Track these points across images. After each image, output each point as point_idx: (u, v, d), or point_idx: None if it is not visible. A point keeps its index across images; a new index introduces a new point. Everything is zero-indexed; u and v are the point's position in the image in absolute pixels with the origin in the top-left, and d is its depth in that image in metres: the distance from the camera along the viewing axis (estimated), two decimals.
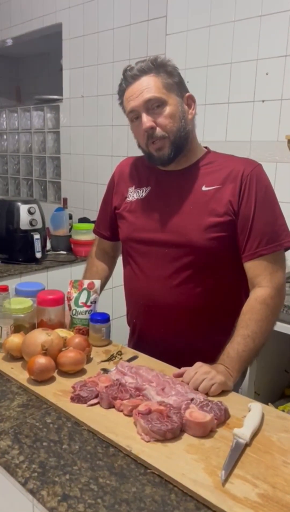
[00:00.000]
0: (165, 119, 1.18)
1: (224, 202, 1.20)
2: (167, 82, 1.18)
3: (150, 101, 1.16)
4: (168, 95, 1.18)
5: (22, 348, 1.15)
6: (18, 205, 2.28)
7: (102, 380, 1.06)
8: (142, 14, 2.85)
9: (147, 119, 1.17)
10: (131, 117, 1.22)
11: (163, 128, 1.18)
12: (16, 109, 4.21)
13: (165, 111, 1.18)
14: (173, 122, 1.19)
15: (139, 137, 1.23)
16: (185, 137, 1.22)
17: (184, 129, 1.21)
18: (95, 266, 1.52)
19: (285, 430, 0.92)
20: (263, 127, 2.38)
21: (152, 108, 1.17)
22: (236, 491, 0.75)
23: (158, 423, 0.88)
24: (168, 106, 1.18)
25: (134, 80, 1.18)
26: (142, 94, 1.16)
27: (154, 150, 1.21)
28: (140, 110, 1.18)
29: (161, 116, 1.18)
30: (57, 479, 0.78)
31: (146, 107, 1.17)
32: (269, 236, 1.18)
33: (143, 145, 1.23)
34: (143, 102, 1.16)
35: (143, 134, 1.19)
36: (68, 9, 3.36)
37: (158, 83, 1.17)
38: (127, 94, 1.20)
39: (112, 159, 3.19)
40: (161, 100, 1.17)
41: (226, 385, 1.07)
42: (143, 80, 1.17)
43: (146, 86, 1.16)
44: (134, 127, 1.23)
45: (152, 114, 1.18)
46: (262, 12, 2.29)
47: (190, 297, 1.23)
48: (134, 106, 1.18)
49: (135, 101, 1.17)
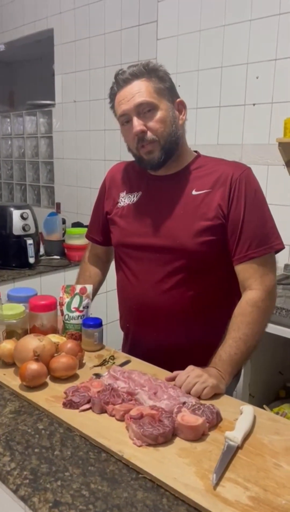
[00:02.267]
0: (156, 123, 1.18)
1: (214, 206, 1.20)
2: (158, 87, 1.19)
3: (141, 105, 1.17)
4: (159, 99, 1.18)
5: (14, 354, 1.15)
6: (11, 210, 2.28)
7: (94, 385, 1.06)
8: (133, 19, 2.87)
9: (138, 123, 1.18)
10: (122, 120, 1.22)
11: (153, 132, 1.18)
12: (9, 114, 4.22)
13: (156, 115, 1.18)
14: (164, 127, 1.19)
15: (129, 141, 1.24)
16: (175, 142, 1.22)
17: (174, 134, 1.22)
18: (88, 271, 1.52)
19: (276, 432, 0.93)
20: (254, 130, 2.39)
21: (143, 112, 1.18)
22: (227, 495, 0.75)
23: (150, 428, 0.88)
24: (159, 111, 1.18)
25: (126, 84, 1.19)
26: (134, 98, 1.17)
27: (144, 154, 1.22)
28: (131, 114, 1.18)
29: (152, 121, 1.18)
30: (48, 486, 0.78)
31: (137, 111, 1.17)
32: (259, 239, 1.19)
33: (133, 149, 1.24)
34: (134, 106, 1.17)
35: (134, 138, 1.20)
36: (59, 14, 3.37)
37: (150, 88, 1.18)
38: (118, 98, 1.20)
39: (105, 163, 3.19)
40: (152, 105, 1.17)
41: (218, 388, 1.07)
42: (135, 84, 1.18)
43: (137, 90, 1.17)
44: (125, 130, 1.23)
45: (143, 118, 1.18)
46: (251, 17, 2.31)
47: (182, 300, 1.24)
48: (125, 109, 1.18)
49: (126, 104, 1.18)
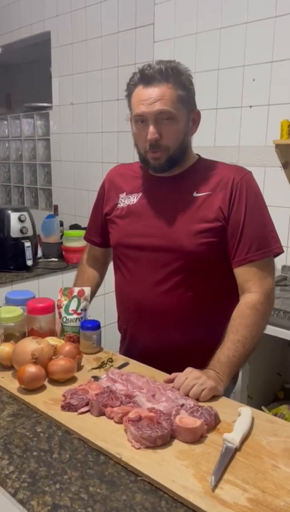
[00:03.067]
0: (170, 133, 1.18)
1: (214, 208, 1.21)
2: (181, 96, 1.17)
3: (162, 113, 1.15)
4: (179, 110, 1.17)
5: (12, 357, 1.15)
6: (9, 213, 2.28)
7: (92, 387, 1.06)
8: (130, 21, 2.87)
9: (154, 131, 1.16)
10: (137, 119, 1.20)
11: (166, 141, 1.18)
12: (6, 117, 4.22)
13: (173, 126, 1.17)
14: (177, 139, 1.19)
15: (139, 141, 1.23)
16: (183, 152, 1.23)
17: (185, 146, 1.22)
18: (86, 273, 1.52)
19: (274, 434, 0.93)
20: (251, 132, 2.40)
21: (161, 119, 1.16)
22: (225, 496, 0.75)
23: (148, 430, 0.88)
24: (177, 122, 1.18)
25: (151, 83, 1.15)
26: (156, 103, 1.14)
27: (151, 158, 1.21)
28: (149, 118, 1.17)
29: (168, 130, 1.17)
30: (47, 489, 0.78)
31: (156, 117, 1.16)
32: (259, 242, 1.20)
33: (142, 150, 1.23)
34: (155, 112, 1.15)
35: (145, 141, 1.19)
36: (56, 17, 3.38)
37: (174, 96, 1.15)
38: (139, 95, 1.17)
39: (103, 165, 3.20)
40: (172, 115, 1.16)
41: (217, 390, 1.07)
42: (160, 89, 1.15)
43: (161, 96, 1.14)
44: (138, 129, 1.21)
45: (159, 125, 1.17)
46: (248, 19, 2.32)
47: (181, 302, 1.24)
48: (145, 112, 1.16)
49: (147, 107, 1.15)
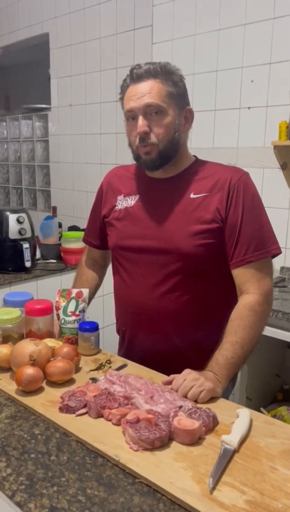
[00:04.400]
0: (160, 128, 1.18)
1: (211, 209, 1.21)
2: (170, 92, 1.18)
3: (150, 106, 1.16)
4: (168, 104, 1.18)
5: (10, 358, 1.14)
6: (7, 214, 2.28)
7: (90, 389, 1.06)
8: (128, 23, 2.88)
9: (143, 123, 1.18)
10: (127, 116, 1.21)
11: (155, 135, 1.19)
12: (5, 118, 4.22)
13: (162, 120, 1.18)
14: (166, 133, 1.19)
15: (131, 137, 1.24)
16: (174, 149, 1.23)
17: (176, 142, 1.22)
18: (84, 275, 1.52)
19: (272, 436, 0.93)
20: (250, 134, 2.40)
21: (150, 113, 1.17)
22: (224, 499, 0.75)
23: (146, 432, 0.88)
24: (166, 116, 1.18)
25: (139, 80, 1.18)
26: (144, 97, 1.16)
27: (142, 153, 1.22)
28: (138, 112, 1.18)
29: (157, 124, 1.18)
30: (44, 491, 0.77)
31: (145, 111, 1.17)
32: (256, 243, 1.19)
33: (134, 146, 1.24)
34: (143, 105, 1.16)
35: (136, 136, 1.20)
36: (54, 19, 3.38)
37: (162, 91, 1.17)
38: (129, 92, 1.19)
39: (101, 167, 3.20)
40: (161, 108, 1.17)
41: (215, 392, 1.07)
42: (148, 83, 1.17)
43: (149, 90, 1.16)
44: (129, 126, 1.23)
45: (148, 120, 1.18)
46: (246, 21, 2.33)
47: (179, 303, 1.24)
48: (133, 107, 1.18)
49: (135, 102, 1.17)
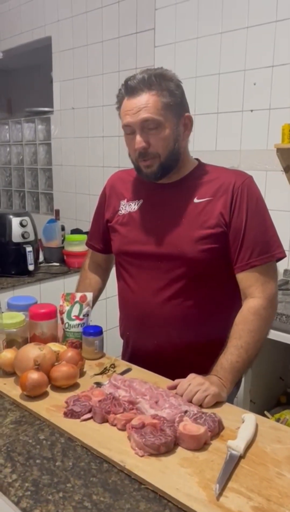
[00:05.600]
0: (158, 141, 1.17)
1: (215, 214, 1.21)
2: (167, 102, 1.15)
3: (146, 121, 1.15)
4: (165, 116, 1.16)
5: (14, 363, 1.14)
6: (10, 217, 2.28)
7: (95, 394, 1.05)
8: (131, 27, 2.88)
9: (140, 139, 1.16)
10: (125, 130, 1.21)
11: (155, 148, 1.18)
12: (7, 122, 4.23)
13: (160, 133, 1.17)
14: (166, 145, 1.19)
15: (130, 150, 1.23)
16: (174, 159, 1.22)
17: (176, 152, 1.21)
18: (88, 278, 1.52)
19: (278, 441, 0.92)
20: (252, 136, 2.40)
21: (147, 127, 1.16)
22: (230, 505, 0.74)
23: (152, 437, 0.88)
24: (163, 129, 1.17)
25: (134, 93, 1.15)
26: (140, 112, 1.14)
27: (143, 167, 1.22)
28: (135, 128, 1.17)
29: (155, 138, 1.17)
30: (50, 497, 0.77)
31: (142, 126, 1.16)
32: (261, 247, 1.19)
33: (133, 159, 1.24)
34: (139, 121, 1.15)
35: (135, 150, 1.20)
36: (57, 22, 3.39)
37: (158, 103, 1.15)
38: (125, 106, 1.18)
39: (104, 170, 3.20)
40: (158, 122, 1.15)
41: (220, 396, 1.06)
42: (143, 97, 1.14)
43: (144, 104, 1.14)
44: (127, 139, 1.22)
45: (146, 134, 1.17)
46: (248, 24, 2.33)
47: (183, 308, 1.23)
48: (130, 122, 1.17)
49: (132, 117, 1.16)
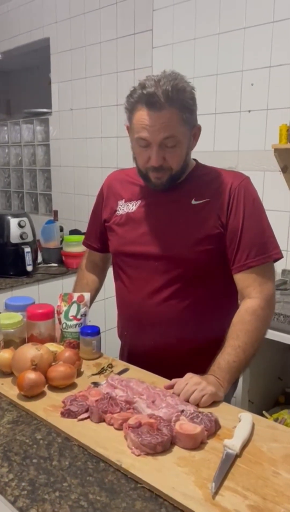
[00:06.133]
0: (174, 158, 1.17)
1: (213, 215, 1.21)
2: (185, 117, 1.14)
3: (166, 138, 1.14)
4: (183, 133, 1.16)
5: (12, 363, 1.14)
6: (8, 218, 2.29)
7: (92, 394, 1.06)
8: (129, 28, 2.89)
9: (158, 156, 1.15)
10: (140, 143, 1.17)
11: (169, 164, 1.18)
12: (6, 123, 4.23)
13: (176, 150, 1.16)
14: (180, 161, 1.19)
15: (140, 160, 1.21)
16: (183, 170, 1.23)
17: (186, 163, 1.22)
18: (85, 278, 1.52)
19: (274, 440, 0.92)
20: (250, 137, 2.41)
21: (165, 144, 1.15)
22: (226, 504, 0.74)
23: (148, 437, 0.88)
24: (180, 146, 1.17)
25: (156, 108, 1.11)
26: (160, 129, 1.12)
27: (153, 177, 1.21)
28: (153, 143, 1.15)
29: (172, 155, 1.17)
30: (46, 497, 0.77)
31: (160, 142, 1.14)
32: (258, 248, 1.19)
33: (142, 167, 1.22)
34: (160, 139, 1.13)
35: (147, 162, 1.18)
36: (55, 24, 3.39)
37: (179, 121, 1.13)
38: (144, 119, 1.13)
39: (102, 170, 3.20)
40: (176, 140, 1.15)
41: (217, 396, 1.07)
42: (165, 114, 1.11)
43: (167, 123, 1.12)
44: (140, 150, 1.19)
45: (163, 150, 1.15)
46: (245, 25, 2.33)
47: (180, 309, 1.24)
48: (148, 138, 1.14)
49: (152, 134, 1.13)
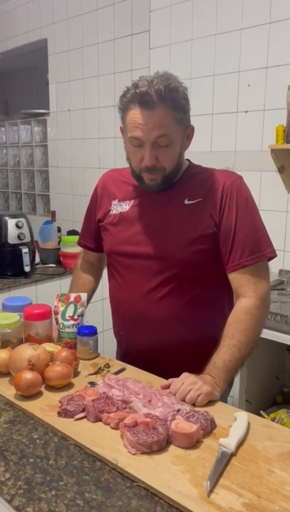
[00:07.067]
0: (167, 158, 1.18)
1: (205, 215, 1.21)
2: (178, 117, 1.14)
3: (160, 137, 1.14)
4: (176, 132, 1.16)
5: (9, 363, 1.15)
6: (6, 219, 2.29)
7: (89, 393, 1.06)
8: (126, 29, 2.89)
9: (151, 156, 1.15)
10: (132, 142, 1.17)
11: (162, 164, 1.18)
12: (4, 123, 4.23)
13: (169, 150, 1.17)
14: (173, 161, 1.19)
15: (133, 160, 1.21)
16: (177, 170, 1.24)
17: (179, 164, 1.23)
18: (81, 278, 1.52)
19: (269, 439, 0.93)
20: (247, 137, 2.41)
21: (158, 143, 1.15)
22: (221, 502, 0.75)
23: (144, 436, 0.88)
24: (173, 146, 1.17)
25: (149, 106, 1.11)
26: (154, 129, 1.12)
27: (146, 178, 1.21)
28: (146, 142, 1.15)
29: (165, 154, 1.17)
30: (43, 496, 0.78)
31: (154, 142, 1.14)
32: (251, 247, 1.20)
33: (136, 168, 1.22)
34: (153, 137, 1.13)
35: (140, 162, 1.18)
36: (52, 24, 3.40)
37: (172, 119, 1.13)
38: (136, 118, 1.13)
39: (100, 171, 3.17)
40: (170, 139, 1.15)
41: (213, 395, 1.07)
42: (158, 112, 1.11)
43: (160, 122, 1.12)
44: (133, 150, 1.19)
45: (156, 150, 1.16)
46: (242, 26, 2.34)
47: (174, 309, 1.24)
48: (141, 137, 1.14)
49: (145, 132, 1.13)
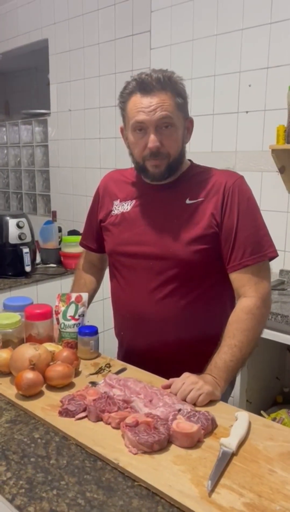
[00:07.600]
0: (171, 142, 1.18)
1: (207, 214, 1.22)
2: (179, 103, 1.17)
3: (163, 119, 1.14)
4: (177, 116, 1.17)
5: (10, 363, 1.15)
6: (7, 219, 2.29)
7: (90, 393, 1.06)
8: (127, 29, 2.90)
9: (155, 138, 1.15)
10: (134, 127, 1.17)
11: (166, 149, 1.18)
12: (5, 124, 4.23)
13: (173, 133, 1.17)
14: (177, 146, 1.20)
15: (136, 148, 1.20)
16: (180, 160, 1.24)
17: (183, 153, 1.23)
18: (82, 278, 1.53)
19: (270, 438, 0.93)
20: (248, 137, 2.41)
21: (161, 127, 1.15)
22: (222, 501, 0.75)
23: (145, 435, 0.88)
24: (176, 130, 1.18)
25: (150, 91, 1.13)
26: (156, 110, 1.13)
27: (150, 166, 1.21)
28: (149, 126, 1.15)
29: (168, 138, 1.17)
30: (44, 495, 0.78)
31: (157, 124, 1.15)
32: (253, 247, 1.20)
33: (139, 158, 1.21)
34: (155, 119, 1.14)
35: (144, 149, 1.18)
36: (53, 25, 3.40)
37: (173, 103, 1.15)
38: (138, 103, 1.15)
39: (101, 171, 3.21)
40: (172, 121, 1.16)
41: (214, 395, 1.07)
42: (159, 95, 1.13)
43: (161, 103, 1.13)
44: (135, 137, 1.19)
45: (159, 133, 1.16)
46: (243, 26, 2.34)
47: (176, 309, 1.24)
48: (144, 119, 1.14)
49: (147, 115, 1.14)
